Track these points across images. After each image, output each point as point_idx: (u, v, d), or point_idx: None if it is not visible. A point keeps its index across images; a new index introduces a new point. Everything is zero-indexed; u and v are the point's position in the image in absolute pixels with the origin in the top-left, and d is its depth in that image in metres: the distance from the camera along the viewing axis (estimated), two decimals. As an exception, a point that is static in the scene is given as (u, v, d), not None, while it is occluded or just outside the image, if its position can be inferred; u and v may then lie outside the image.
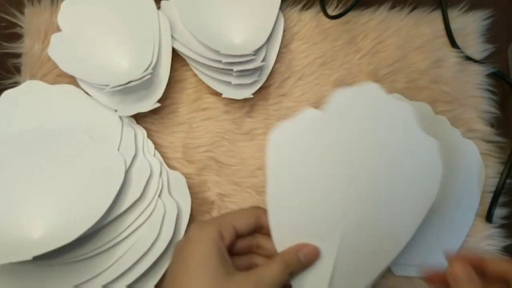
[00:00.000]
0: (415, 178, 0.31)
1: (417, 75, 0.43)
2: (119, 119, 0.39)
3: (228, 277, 0.27)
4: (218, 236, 0.28)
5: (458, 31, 0.44)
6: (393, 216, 0.31)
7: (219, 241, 0.28)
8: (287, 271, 0.29)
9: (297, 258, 0.30)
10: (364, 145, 0.32)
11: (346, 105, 0.33)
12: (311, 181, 0.32)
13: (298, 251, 0.30)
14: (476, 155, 0.41)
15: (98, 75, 0.38)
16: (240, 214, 0.32)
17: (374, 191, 0.32)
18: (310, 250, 0.30)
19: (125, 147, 0.37)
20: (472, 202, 0.40)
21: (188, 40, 0.40)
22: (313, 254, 0.30)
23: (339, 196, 0.31)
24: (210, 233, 0.28)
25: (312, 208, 0.32)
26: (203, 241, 0.28)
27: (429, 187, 0.31)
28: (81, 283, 0.34)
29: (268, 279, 0.27)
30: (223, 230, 0.29)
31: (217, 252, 0.28)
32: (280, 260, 0.29)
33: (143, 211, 0.36)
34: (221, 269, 0.27)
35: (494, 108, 0.43)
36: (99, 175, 0.35)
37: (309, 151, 0.32)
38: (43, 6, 0.43)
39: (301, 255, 0.30)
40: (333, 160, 0.32)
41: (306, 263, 0.30)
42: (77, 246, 0.34)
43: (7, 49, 0.42)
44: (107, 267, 0.34)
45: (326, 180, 0.32)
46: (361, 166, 0.32)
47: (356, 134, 0.32)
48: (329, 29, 0.44)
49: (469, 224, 0.39)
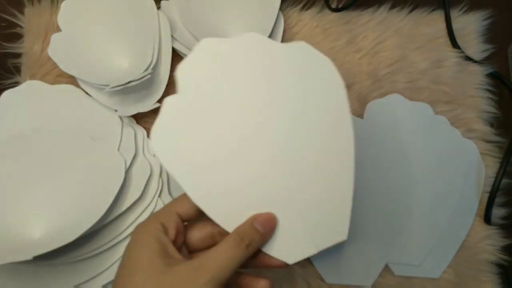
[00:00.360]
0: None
1: (417, 75, 0.43)
2: (119, 119, 0.39)
3: (167, 268, 0.24)
4: (158, 229, 0.26)
5: (458, 31, 0.44)
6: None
7: (160, 234, 0.26)
8: (242, 245, 0.26)
9: (253, 228, 0.27)
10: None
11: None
12: (213, 153, 0.28)
13: (252, 222, 0.27)
14: (476, 155, 0.41)
15: (98, 75, 0.38)
16: (182, 198, 0.28)
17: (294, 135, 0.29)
18: (265, 217, 0.28)
19: (125, 147, 0.37)
20: (471, 202, 0.40)
21: (188, 40, 0.40)
22: (269, 219, 0.28)
23: (263, 148, 0.28)
24: (149, 226, 0.27)
25: (234, 176, 0.28)
26: (142, 237, 0.26)
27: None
28: (81, 283, 0.34)
29: (212, 261, 0.25)
30: (165, 221, 0.27)
31: (157, 245, 0.26)
32: (232, 236, 0.26)
33: (143, 211, 0.36)
34: (160, 262, 0.25)
35: (494, 108, 0.43)
36: (99, 175, 0.35)
37: (192, 131, 0.28)
38: (43, 6, 0.43)
39: (256, 225, 0.27)
40: (216, 124, 0.28)
41: (265, 232, 0.27)
42: (77, 246, 0.34)
43: (7, 49, 0.42)
44: (107, 267, 0.34)
45: (222, 143, 0.28)
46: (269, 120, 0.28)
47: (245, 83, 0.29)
48: (329, 29, 0.44)
49: (468, 224, 0.39)
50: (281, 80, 0.29)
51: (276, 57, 0.29)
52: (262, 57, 0.29)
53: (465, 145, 0.41)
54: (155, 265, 0.25)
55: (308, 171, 0.29)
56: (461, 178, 0.40)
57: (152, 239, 0.26)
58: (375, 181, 0.39)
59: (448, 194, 0.39)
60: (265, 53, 0.29)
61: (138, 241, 0.27)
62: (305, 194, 0.29)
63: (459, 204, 0.39)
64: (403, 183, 0.39)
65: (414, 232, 0.38)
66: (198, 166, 0.28)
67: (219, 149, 0.28)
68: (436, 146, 0.40)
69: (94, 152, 0.36)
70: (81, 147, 0.37)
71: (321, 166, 0.29)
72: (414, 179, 0.39)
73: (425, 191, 0.39)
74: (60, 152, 0.36)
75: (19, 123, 0.38)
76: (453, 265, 0.39)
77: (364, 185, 0.38)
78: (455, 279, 0.38)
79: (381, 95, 0.42)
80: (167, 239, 0.27)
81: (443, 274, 0.38)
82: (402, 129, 0.40)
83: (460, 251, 0.39)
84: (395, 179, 0.39)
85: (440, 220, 0.39)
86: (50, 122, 0.38)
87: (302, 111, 0.29)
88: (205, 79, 0.29)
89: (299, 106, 0.29)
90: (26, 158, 0.36)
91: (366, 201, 0.38)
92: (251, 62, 0.29)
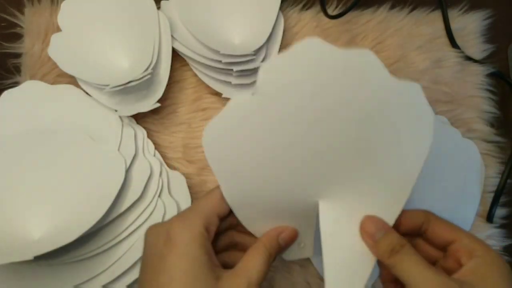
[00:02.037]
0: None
1: (417, 75, 0.43)
2: (119, 119, 0.39)
3: (217, 284, 0.24)
4: (203, 235, 0.25)
5: (458, 31, 0.44)
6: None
7: (205, 241, 0.25)
8: (271, 260, 0.27)
9: (277, 243, 0.28)
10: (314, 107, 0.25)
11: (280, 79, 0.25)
12: (263, 162, 0.27)
13: (278, 236, 0.28)
14: (476, 155, 0.41)
15: (98, 75, 0.38)
16: (218, 198, 0.28)
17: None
18: (289, 234, 0.29)
19: (125, 147, 0.37)
20: (472, 202, 0.40)
21: (188, 40, 0.40)
22: (291, 237, 0.29)
23: (299, 164, 0.27)
24: (195, 232, 0.25)
25: (275, 188, 0.28)
26: (188, 244, 0.25)
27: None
28: (81, 283, 0.34)
29: (256, 275, 0.25)
30: (209, 225, 0.26)
31: (204, 255, 0.25)
32: (262, 248, 0.27)
33: (143, 211, 0.36)
34: (210, 277, 0.24)
35: (494, 108, 0.43)
36: (100, 175, 0.35)
37: (250, 136, 0.26)
38: (43, 6, 0.43)
39: (280, 240, 0.28)
40: (278, 135, 0.26)
41: (285, 246, 0.29)
42: (77, 246, 0.34)
43: (7, 49, 0.42)
44: (107, 267, 0.34)
45: (278, 154, 0.27)
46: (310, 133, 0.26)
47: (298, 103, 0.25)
48: (329, 29, 0.44)
49: (469, 224, 0.39)
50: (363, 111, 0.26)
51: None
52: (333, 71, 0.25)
53: (465, 145, 0.41)
54: (207, 281, 0.24)
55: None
56: (461, 178, 0.40)
57: (202, 250, 0.25)
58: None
59: (448, 194, 0.39)
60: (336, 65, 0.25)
61: (183, 247, 0.25)
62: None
63: (459, 204, 0.39)
64: (403, 183, 0.39)
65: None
66: (239, 167, 0.27)
67: (262, 156, 0.27)
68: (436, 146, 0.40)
69: (94, 152, 0.36)
70: (81, 147, 0.37)
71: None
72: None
73: (424, 191, 0.39)
74: (60, 152, 0.36)
75: (19, 123, 0.38)
76: (453, 265, 0.39)
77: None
78: (455, 279, 0.38)
79: (381, 95, 0.42)
80: (211, 247, 0.26)
81: (443, 274, 0.38)
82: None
83: (460, 251, 0.39)
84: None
85: (440, 220, 0.39)
86: (50, 122, 0.38)
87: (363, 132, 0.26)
88: (285, 85, 0.25)
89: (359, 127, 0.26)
90: (26, 158, 0.36)
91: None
92: (324, 76, 0.25)
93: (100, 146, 0.37)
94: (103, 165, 0.36)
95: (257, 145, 0.26)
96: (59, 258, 0.33)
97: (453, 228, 0.27)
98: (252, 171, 0.27)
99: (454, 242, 0.26)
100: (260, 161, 0.27)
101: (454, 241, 0.26)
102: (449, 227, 0.27)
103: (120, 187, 0.34)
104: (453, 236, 0.26)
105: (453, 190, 0.39)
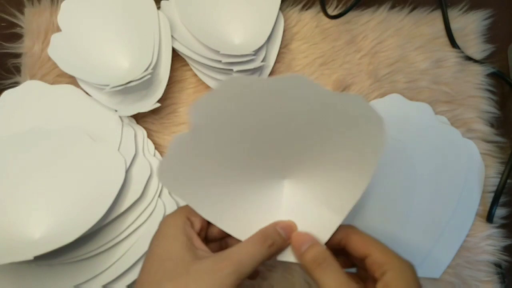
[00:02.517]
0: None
1: (417, 75, 0.43)
2: (119, 119, 0.39)
3: (194, 262, 0.25)
4: (185, 223, 0.28)
5: (458, 31, 0.44)
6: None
7: (187, 227, 0.27)
8: (266, 244, 0.27)
9: (276, 231, 0.28)
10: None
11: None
12: (223, 179, 0.29)
13: (275, 226, 0.29)
14: (476, 155, 0.41)
15: (98, 75, 0.38)
16: None
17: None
18: (286, 223, 0.29)
19: (125, 147, 0.37)
20: (472, 202, 0.40)
21: (188, 40, 0.40)
22: (290, 226, 0.29)
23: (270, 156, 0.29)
24: (177, 220, 0.28)
25: (244, 196, 0.29)
26: (170, 230, 0.27)
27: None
28: (81, 283, 0.34)
29: (237, 255, 0.26)
30: (190, 215, 0.28)
31: (183, 237, 0.27)
32: (257, 235, 0.28)
33: (143, 211, 0.36)
34: (188, 254, 0.26)
35: (494, 108, 0.43)
36: (100, 175, 0.35)
37: (201, 162, 0.28)
38: (43, 6, 0.43)
39: (279, 229, 0.28)
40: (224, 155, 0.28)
41: (286, 237, 0.29)
42: (77, 246, 0.34)
43: (7, 49, 0.42)
44: (107, 267, 0.34)
45: (232, 168, 0.29)
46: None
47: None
48: (329, 29, 0.44)
49: (469, 224, 0.39)
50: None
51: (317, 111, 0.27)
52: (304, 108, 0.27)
53: (465, 145, 0.41)
54: (183, 257, 0.26)
55: (314, 179, 0.29)
56: (461, 178, 0.40)
57: (180, 232, 0.27)
58: (375, 182, 0.39)
59: (448, 194, 0.39)
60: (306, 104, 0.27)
61: (166, 233, 0.27)
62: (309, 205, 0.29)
63: (459, 204, 0.39)
64: (403, 183, 0.39)
65: (414, 232, 0.38)
66: (206, 188, 0.29)
67: (224, 167, 0.29)
68: (436, 146, 0.40)
69: (94, 153, 0.36)
70: (81, 147, 0.37)
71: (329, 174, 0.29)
72: (414, 179, 0.39)
73: (425, 191, 0.39)
74: (60, 152, 0.36)
75: (19, 123, 0.38)
76: (453, 265, 0.39)
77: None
78: (455, 279, 0.38)
79: (381, 95, 0.42)
80: (193, 232, 0.28)
81: (443, 274, 0.38)
82: (402, 130, 0.40)
83: (460, 251, 0.39)
84: (395, 179, 0.39)
85: (440, 220, 0.39)
86: (50, 122, 0.38)
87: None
88: (217, 117, 0.27)
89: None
90: (26, 158, 0.36)
91: (366, 201, 0.38)
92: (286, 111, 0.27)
93: (100, 145, 0.37)
94: (103, 165, 0.36)
95: (210, 168, 0.28)
96: (59, 258, 0.33)
97: (368, 243, 0.27)
98: (213, 184, 0.29)
99: (368, 256, 0.27)
100: (220, 179, 0.29)
101: (368, 255, 0.27)
102: (364, 241, 0.28)
103: (120, 187, 0.34)
104: (367, 251, 0.27)
105: (453, 190, 0.39)
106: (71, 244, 0.31)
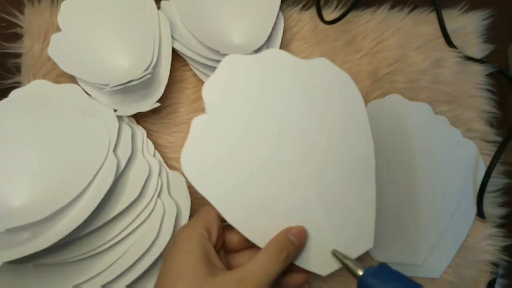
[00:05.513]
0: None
1: (417, 75, 0.43)
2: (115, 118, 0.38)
3: (209, 278, 0.25)
4: (202, 235, 0.27)
5: (457, 31, 0.44)
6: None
7: (204, 240, 0.27)
8: (281, 257, 0.27)
9: (288, 239, 0.28)
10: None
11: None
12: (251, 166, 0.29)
13: (287, 234, 0.28)
14: (476, 155, 0.41)
15: (98, 75, 0.38)
16: None
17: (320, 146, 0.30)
18: (297, 230, 0.29)
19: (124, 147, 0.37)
20: (472, 202, 0.40)
21: (188, 40, 0.40)
22: (301, 233, 0.29)
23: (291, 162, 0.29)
24: (194, 232, 0.27)
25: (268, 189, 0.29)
26: (186, 241, 0.27)
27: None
28: (81, 283, 0.34)
29: (253, 274, 0.25)
30: (209, 226, 0.28)
31: (200, 251, 0.26)
32: (271, 248, 0.27)
33: (142, 211, 0.36)
34: (203, 270, 0.25)
35: (494, 108, 0.43)
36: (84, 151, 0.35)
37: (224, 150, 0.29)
38: (43, 6, 0.43)
39: (290, 237, 0.28)
40: (262, 141, 0.29)
41: (299, 244, 0.28)
42: (77, 246, 0.34)
43: (7, 49, 0.42)
44: (106, 267, 0.34)
45: (265, 156, 0.29)
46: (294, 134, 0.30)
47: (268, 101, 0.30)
48: (329, 29, 0.44)
49: (469, 224, 0.39)
50: (304, 96, 0.30)
51: (298, 74, 0.30)
52: (285, 74, 0.30)
53: (465, 145, 0.41)
54: (198, 273, 0.25)
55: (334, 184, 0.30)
56: (461, 178, 0.40)
57: (197, 245, 0.27)
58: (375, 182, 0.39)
59: (448, 194, 0.39)
60: (287, 69, 0.30)
61: (183, 247, 0.27)
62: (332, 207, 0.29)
63: (459, 204, 0.39)
64: (403, 183, 0.39)
65: (414, 232, 0.38)
66: (229, 185, 0.29)
67: (247, 167, 0.29)
68: (436, 146, 0.40)
69: (82, 127, 0.36)
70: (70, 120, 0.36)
71: (346, 178, 0.30)
72: (414, 179, 0.39)
73: (425, 191, 0.39)
74: (49, 122, 0.36)
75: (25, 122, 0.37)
76: (453, 265, 0.39)
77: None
78: (455, 279, 0.38)
79: (381, 95, 0.42)
80: (210, 245, 0.27)
81: (443, 274, 0.38)
82: (402, 130, 0.40)
83: (460, 251, 0.39)
84: (395, 179, 0.39)
85: (440, 220, 0.39)
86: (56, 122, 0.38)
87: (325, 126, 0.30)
88: (230, 97, 0.30)
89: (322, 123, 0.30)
90: (14, 123, 0.36)
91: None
92: (275, 79, 0.30)
93: (89, 121, 0.37)
94: (88, 141, 0.36)
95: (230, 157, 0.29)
96: (58, 258, 0.33)
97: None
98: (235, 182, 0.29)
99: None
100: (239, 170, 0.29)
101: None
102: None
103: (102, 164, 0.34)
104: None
105: (453, 190, 0.39)
106: (71, 243, 0.31)
